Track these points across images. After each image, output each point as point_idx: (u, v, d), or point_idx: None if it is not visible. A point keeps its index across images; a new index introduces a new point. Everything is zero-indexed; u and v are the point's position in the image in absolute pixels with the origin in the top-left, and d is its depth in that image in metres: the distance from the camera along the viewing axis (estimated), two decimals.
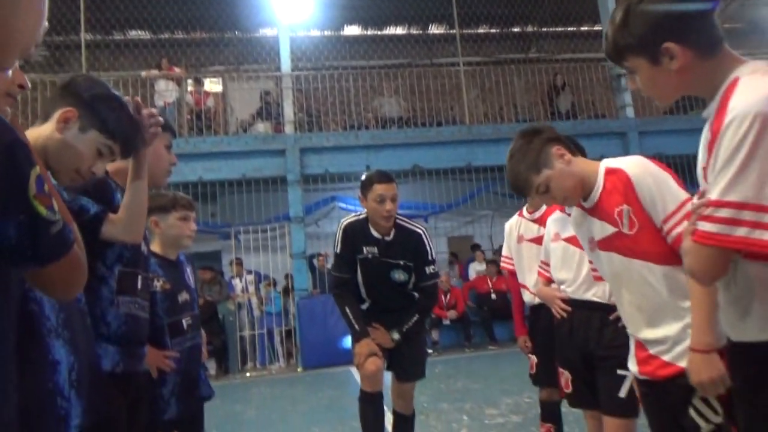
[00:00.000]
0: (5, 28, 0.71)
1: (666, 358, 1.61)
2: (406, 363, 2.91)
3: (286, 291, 10.00)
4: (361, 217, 2.95)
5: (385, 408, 2.98)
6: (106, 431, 1.54)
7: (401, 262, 2.86)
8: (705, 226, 1.07)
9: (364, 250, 2.88)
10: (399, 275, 2.86)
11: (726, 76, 1.14)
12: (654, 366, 1.65)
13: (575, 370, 2.27)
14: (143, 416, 1.85)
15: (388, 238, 2.89)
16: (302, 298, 9.23)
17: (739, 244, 1.04)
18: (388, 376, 2.96)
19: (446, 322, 9.58)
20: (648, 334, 1.66)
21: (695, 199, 1.20)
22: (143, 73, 10.05)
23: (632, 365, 1.73)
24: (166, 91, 9.90)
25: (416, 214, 10.98)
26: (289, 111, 10.00)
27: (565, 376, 2.32)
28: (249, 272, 9.95)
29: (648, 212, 1.64)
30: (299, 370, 8.83)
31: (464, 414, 4.80)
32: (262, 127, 10.28)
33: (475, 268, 10.53)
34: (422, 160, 10.06)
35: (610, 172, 1.73)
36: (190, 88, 10.54)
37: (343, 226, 2.96)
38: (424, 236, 2.92)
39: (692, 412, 1.54)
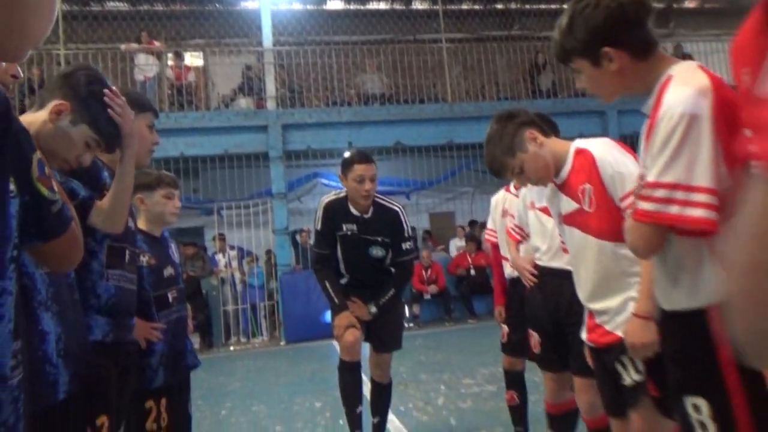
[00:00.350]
0: (25, 27, 0.79)
1: (608, 327, 1.77)
2: (383, 335, 3.05)
3: (269, 266, 10.11)
4: (341, 195, 3.05)
5: (364, 377, 3.13)
6: (97, 396, 1.65)
7: (379, 239, 2.98)
8: (643, 205, 1.20)
9: (344, 227, 2.99)
10: (377, 251, 2.98)
11: (660, 75, 1.27)
12: (597, 334, 1.82)
13: (545, 333, 2.43)
14: (132, 384, 1.96)
15: (366, 216, 3.00)
16: (285, 274, 9.34)
17: (672, 221, 1.17)
18: (366, 348, 3.10)
19: (427, 297, 9.78)
20: (595, 304, 1.82)
21: (637, 182, 1.33)
22: (122, 47, 9.93)
23: (583, 333, 1.90)
24: (146, 65, 9.79)
25: (398, 190, 11.10)
26: (271, 87, 9.97)
27: (534, 338, 2.48)
28: (232, 248, 10.02)
29: (609, 191, 1.78)
30: (282, 343, 8.99)
31: (442, 384, 4.99)
32: (244, 102, 10.23)
33: (456, 244, 10.71)
34: (404, 137, 10.14)
35: (579, 152, 1.88)
36: (170, 62, 10.43)
37: (323, 204, 3.06)
38: (401, 214, 3.04)
39: (618, 366, 1.73)
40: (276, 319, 9.65)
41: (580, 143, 1.91)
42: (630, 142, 10.82)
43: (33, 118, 1.46)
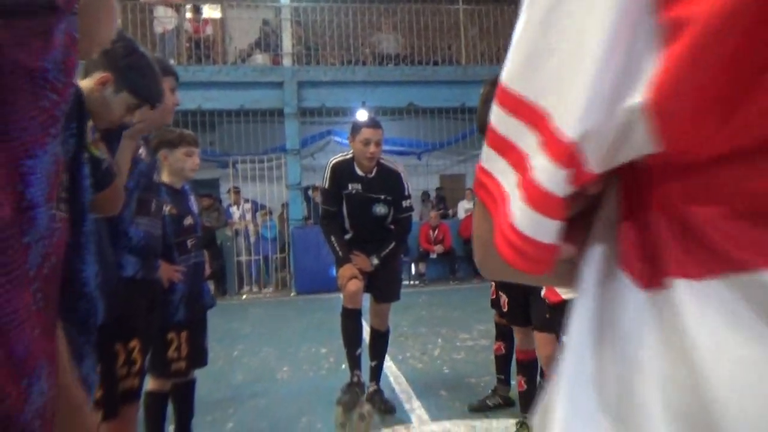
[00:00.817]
0: (92, 38, 1.00)
1: (557, 288, 2.02)
2: (383, 286, 3.32)
3: (282, 220, 10.43)
4: (347, 156, 3.28)
5: (364, 324, 3.42)
6: (129, 324, 1.94)
7: (382, 197, 3.21)
8: None
9: (350, 186, 3.23)
10: (380, 209, 3.22)
11: None
12: (552, 292, 2.07)
13: (512, 294, 2.68)
14: (158, 317, 2.26)
15: (370, 176, 3.24)
16: (296, 228, 9.65)
17: None
18: (366, 303, 3.38)
19: (433, 256, 10.06)
20: None
21: None
22: None
23: (543, 290, 2.15)
24: (165, 18, 9.91)
25: (409, 151, 11.26)
26: (287, 43, 10.07)
27: (503, 299, 2.75)
28: (246, 201, 10.33)
29: None
30: (292, 294, 9.39)
31: (439, 337, 5.31)
32: (260, 58, 10.35)
33: (464, 207, 10.93)
34: (417, 98, 10.24)
35: None
36: (188, 15, 10.52)
37: (331, 165, 3.30)
38: (402, 175, 3.29)
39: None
40: (287, 271, 10.03)
41: None
42: None
43: (82, 86, 1.70)
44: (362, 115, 10.67)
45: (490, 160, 0.38)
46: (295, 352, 5.00)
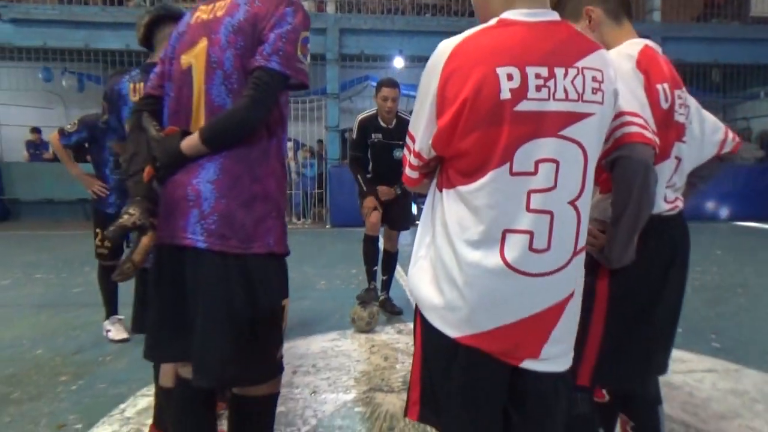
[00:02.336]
0: None
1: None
2: (396, 217, 4.22)
3: (319, 158, 11.35)
4: (372, 112, 4.13)
5: (380, 247, 4.36)
6: None
7: (400, 143, 4.06)
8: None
9: (373, 135, 4.10)
10: (398, 153, 4.07)
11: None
12: None
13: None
14: None
15: (390, 126, 4.09)
16: (333, 167, 10.58)
17: None
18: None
19: None
20: None
21: None
22: None
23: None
24: None
25: None
26: None
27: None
28: (288, 139, 11.23)
29: None
30: (327, 226, 10.44)
31: None
32: (306, 5, 10.99)
33: None
34: None
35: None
36: None
37: (359, 120, 4.15)
38: None
39: None
40: (324, 206, 11.04)
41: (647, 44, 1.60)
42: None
43: None
44: (399, 63, 11.32)
45: (408, 136, 1.28)
46: (331, 270, 6.04)
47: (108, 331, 3.69)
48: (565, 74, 1.14)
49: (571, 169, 1.15)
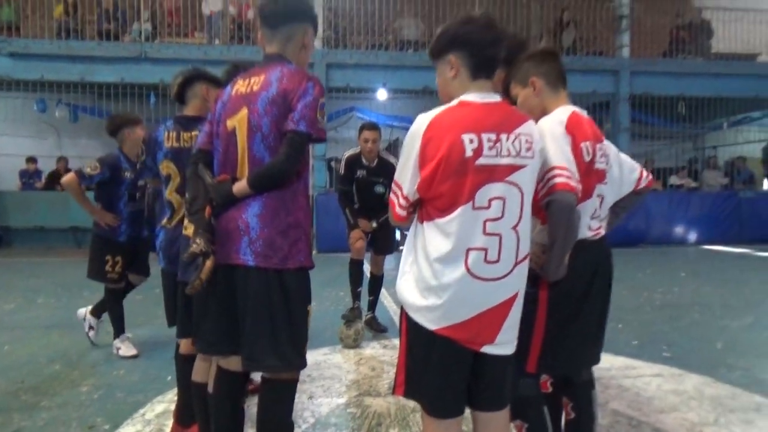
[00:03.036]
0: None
1: None
2: (381, 243, 4.64)
3: None
4: (357, 151, 4.59)
5: (365, 271, 4.76)
6: None
7: (380, 180, 4.51)
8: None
9: (358, 172, 4.55)
10: (378, 189, 4.52)
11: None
12: None
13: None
14: None
15: (372, 165, 4.54)
16: (320, 194, 11.00)
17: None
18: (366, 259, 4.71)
19: None
20: None
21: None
22: None
23: None
24: (212, 1, 11.14)
25: None
26: (319, 28, 11.20)
27: None
28: None
29: None
30: (314, 252, 10.81)
31: None
32: None
33: None
34: (432, 82, 10.89)
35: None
36: None
37: (345, 157, 4.61)
38: (395, 165, 4.58)
39: None
40: (311, 232, 11.41)
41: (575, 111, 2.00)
42: (639, 101, 11.91)
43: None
44: (382, 95, 11.88)
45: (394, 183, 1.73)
46: (319, 293, 6.40)
47: (118, 348, 4.03)
48: (508, 138, 1.61)
49: (513, 204, 1.61)
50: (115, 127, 4.06)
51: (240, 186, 1.87)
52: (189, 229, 2.07)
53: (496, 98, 1.69)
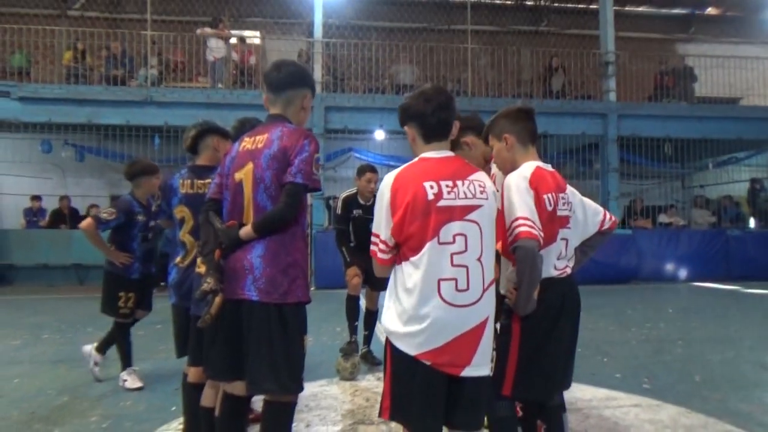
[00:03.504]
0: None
1: None
2: (376, 280, 4.87)
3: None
4: (353, 191, 4.88)
5: (361, 306, 4.99)
6: None
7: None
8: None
9: (354, 211, 4.83)
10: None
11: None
12: None
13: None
14: None
15: (368, 204, 4.82)
16: (318, 232, 11.27)
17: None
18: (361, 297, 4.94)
19: None
20: None
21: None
22: (198, 31, 11.77)
23: None
24: (216, 48, 11.64)
25: None
26: (318, 73, 11.70)
27: None
28: None
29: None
30: (312, 288, 11.00)
31: None
32: None
33: None
34: None
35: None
36: (233, 41, 12.21)
37: (342, 197, 4.90)
38: None
39: None
40: (309, 269, 11.65)
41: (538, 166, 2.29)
42: (627, 143, 12.37)
43: None
44: (380, 135, 12.28)
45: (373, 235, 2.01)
46: (317, 329, 6.59)
47: (125, 380, 4.23)
48: (463, 183, 1.93)
49: (474, 239, 1.89)
50: (134, 173, 4.36)
51: (246, 230, 2.13)
52: (202, 268, 2.34)
53: (451, 154, 2.02)
